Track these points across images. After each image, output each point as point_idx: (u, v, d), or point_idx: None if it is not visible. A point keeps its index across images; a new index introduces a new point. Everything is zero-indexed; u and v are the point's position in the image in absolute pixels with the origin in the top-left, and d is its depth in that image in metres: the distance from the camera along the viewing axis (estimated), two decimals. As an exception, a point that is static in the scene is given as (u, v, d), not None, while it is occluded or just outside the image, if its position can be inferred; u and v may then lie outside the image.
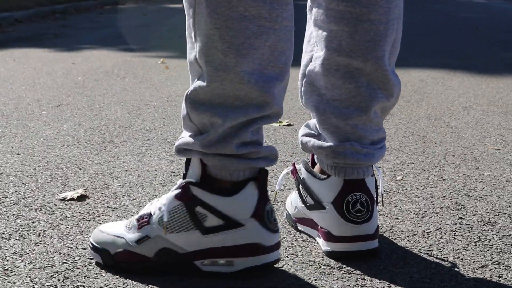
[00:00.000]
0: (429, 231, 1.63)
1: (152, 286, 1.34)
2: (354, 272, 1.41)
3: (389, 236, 1.60)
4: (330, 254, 1.48)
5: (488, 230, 1.65)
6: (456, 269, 1.42)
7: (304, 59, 1.53)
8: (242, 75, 1.30)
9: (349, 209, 1.45)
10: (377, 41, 1.44)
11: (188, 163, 1.40)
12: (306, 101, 1.53)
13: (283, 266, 1.44)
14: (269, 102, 1.32)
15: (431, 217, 1.73)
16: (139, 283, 1.36)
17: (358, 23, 1.44)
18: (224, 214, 1.34)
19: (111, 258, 1.42)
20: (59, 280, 1.37)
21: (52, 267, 1.43)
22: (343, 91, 1.47)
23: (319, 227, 1.51)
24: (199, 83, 1.33)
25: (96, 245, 1.44)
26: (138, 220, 1.42)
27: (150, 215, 1.41)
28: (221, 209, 1.34)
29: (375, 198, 1.49)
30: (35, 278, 1.38)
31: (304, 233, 1.60)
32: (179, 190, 1.37)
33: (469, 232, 1.63)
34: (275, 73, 1.33)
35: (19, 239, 1.58)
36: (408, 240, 1.57)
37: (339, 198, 1.46)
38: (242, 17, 1.29)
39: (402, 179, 2.06)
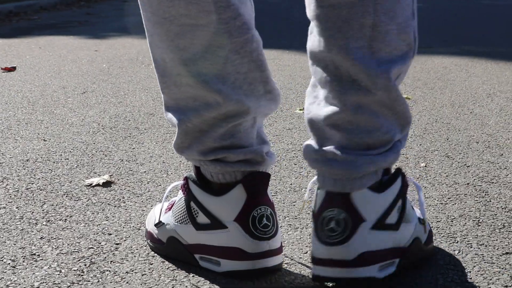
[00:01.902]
0: (453, 218, 1.64)
1: (177, 271, 1.36)
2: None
3: (412, 223, 1.60)
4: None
5: (512, 217, 1.65)
6: (480, 256, 1.42)
7: None
8: (180, 78, 1.28)
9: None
10: (339, 27, 1.22)
11: None
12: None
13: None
14: (218, 100, 1.26)
15: (455, 204, 1.73)
16: (164, 268, 1.37)
17: (321, 11, 1.24)
18: (210, 213, 1.31)
19: (145, 235, 1.50)
20: (85, 265, 1.39)
21: (78, 252, 1.45)
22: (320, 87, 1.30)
23: None
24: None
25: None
26: (168, 205, 1.45)
27: (175, 202, 1.42)
28: (208, 208, 1.31)
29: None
30: (62, 262, 1.40)
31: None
32: (183, 182, 1.37)
33: (493, 219, 1.63)
34: (215, 70, 1.26)
35: (46, 225, 1.60)
36: (432, 227, 1.58)
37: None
38: (163, 20, 1.25)
39: (425, 166, 2.06)
